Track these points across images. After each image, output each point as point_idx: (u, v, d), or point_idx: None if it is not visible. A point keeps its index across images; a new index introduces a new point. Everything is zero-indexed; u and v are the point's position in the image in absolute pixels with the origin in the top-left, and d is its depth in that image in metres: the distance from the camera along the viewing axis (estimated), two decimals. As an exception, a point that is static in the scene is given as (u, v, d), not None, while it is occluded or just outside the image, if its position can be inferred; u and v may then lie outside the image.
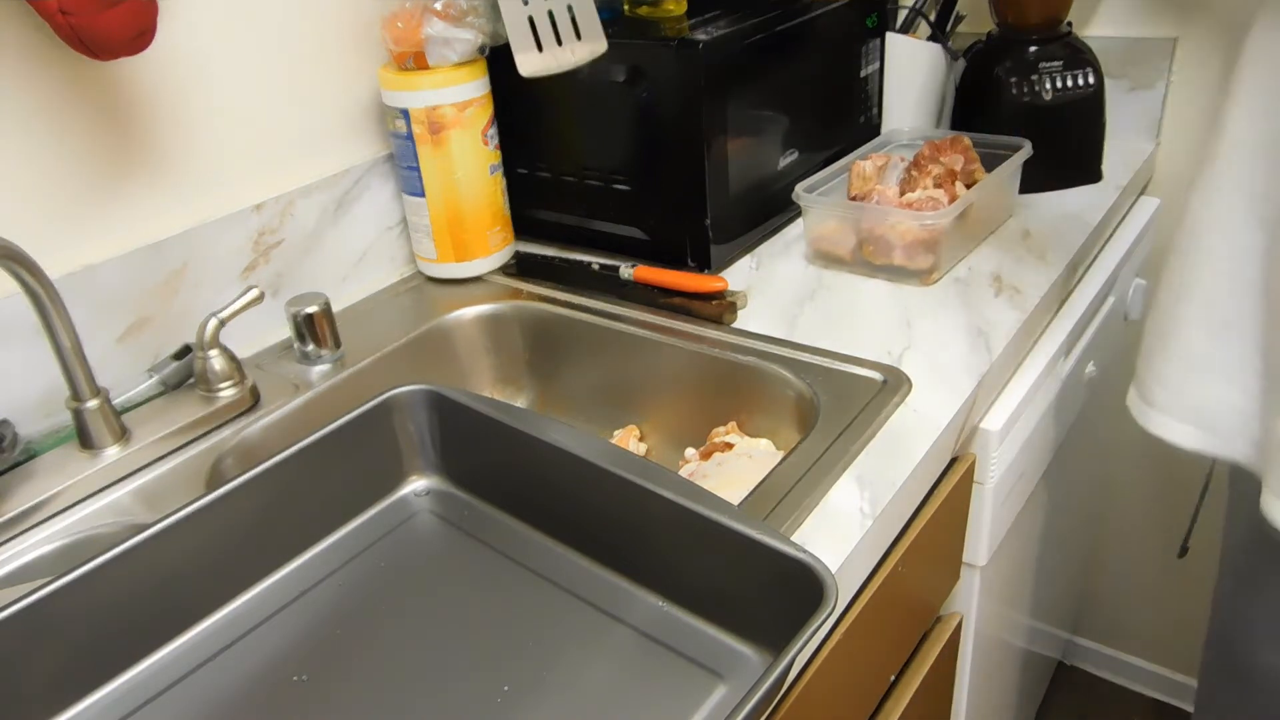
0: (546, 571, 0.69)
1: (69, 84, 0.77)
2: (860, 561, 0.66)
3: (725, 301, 0.90)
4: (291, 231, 0.94)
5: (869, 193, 0.98)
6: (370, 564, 0.72)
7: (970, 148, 1.01)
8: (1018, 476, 0.92)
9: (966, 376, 0.79)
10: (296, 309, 0.87)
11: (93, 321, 0.80)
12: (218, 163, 0.89)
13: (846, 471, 0.69)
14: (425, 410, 0.76)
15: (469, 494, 0.77)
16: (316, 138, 0.97)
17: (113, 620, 0.62)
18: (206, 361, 0.80)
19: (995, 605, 1.02)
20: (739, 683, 0.59)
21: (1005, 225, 1.04)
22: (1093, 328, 1.05)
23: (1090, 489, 1.42)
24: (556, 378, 0.99)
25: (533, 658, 0.62)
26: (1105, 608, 1.63)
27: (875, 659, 0.77)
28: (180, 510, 0.64)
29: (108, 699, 0.61)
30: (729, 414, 0.87)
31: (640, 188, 0.98)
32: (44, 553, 0.68)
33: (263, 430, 0.81)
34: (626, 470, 0.64)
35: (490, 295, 0.99)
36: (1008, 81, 1.10)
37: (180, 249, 0.86)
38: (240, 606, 0.68)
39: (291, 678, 0.63)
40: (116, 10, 0.68)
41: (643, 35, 0.94)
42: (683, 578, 0.64)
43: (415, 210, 1.00)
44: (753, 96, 0.97)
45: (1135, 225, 1.17)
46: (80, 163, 0.79)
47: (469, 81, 0.94)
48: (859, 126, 1.17)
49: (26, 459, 0.74)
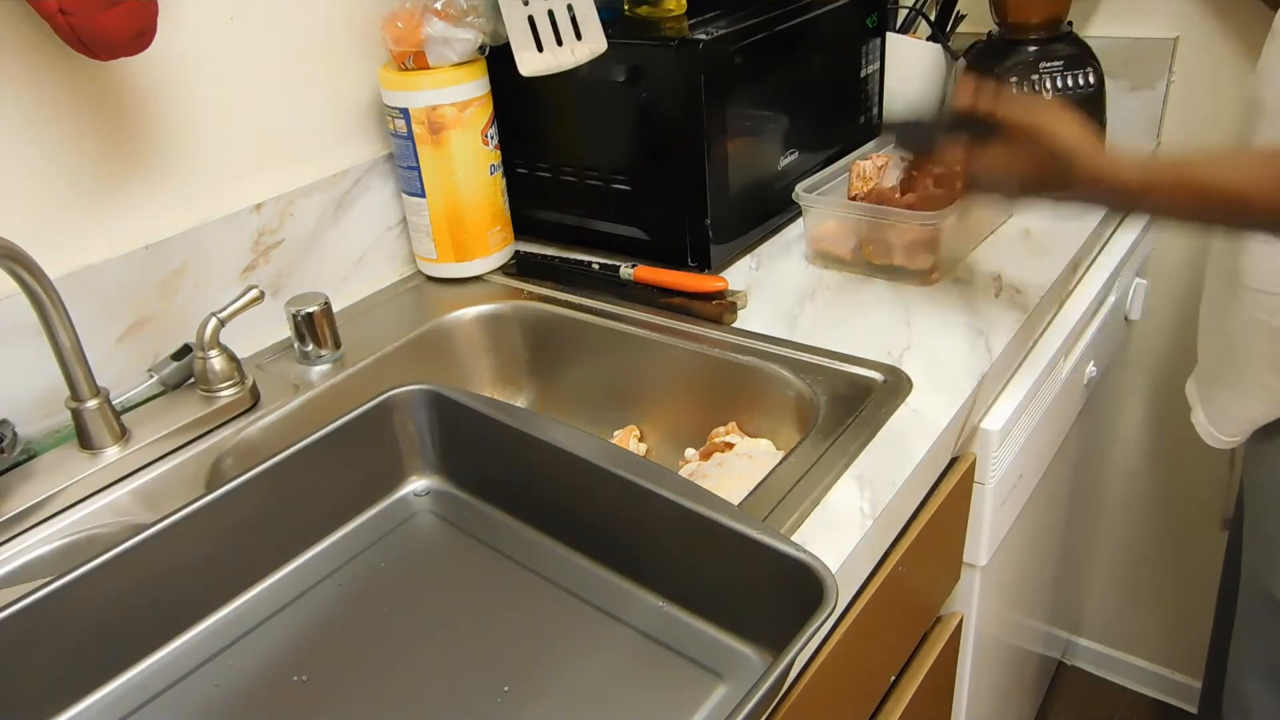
0: (546, 571, 0.69)
1: (69, 84, 0.77)
2: (860, 561, 0.66)
3: (725, 301, 0.90)
4: (291, 231, 0.94)
5: (869, 193, 0.98)
6: (370, 564, 0.72)
7: (970, 148, 1.01)
8: (1018, 476, 0.92)
9: (966, 376, 0.79)
10: (296, 309, 0.87)
11: (93, 321, 0.80)
12: (218, 163, 0.89)
13: (846, 471, 0.69)
14: (425, 410, 0.76)
15: (469, 494, 0.77)
16: (316, 138, 0.97)
17: (113, 620, 0.62)
18: (206, 361, 0.80)
19: (995, 605, 1.02)
20: (739, 683, 0.59)
21: (1005, 225, 1.04)
22: (1093, 328, 1.05)
23: (1090, 489, 1.42)
24: (556, 378, 0.99)
25: (533, 658, 0.62)
26: (1105, 608, 1.63)
27: (875, 659, 0.77)
28: (180, 510, 0.64)
29: (108, 699, 0.61)
30: (729, 414, 0.87)
31: (640, 188, 0.98)
32: (44, 553, 0.68)
33: (263, 430, 0.81)
34: (626, 470, 0.64)
35: (490, 295, 0.99)
36: (1008, 81, 1.10)
37: (180, 249, 0.85)
38: (240, 606, 0.68)
39: (291, 678, 0.63)
40: (116, 10, 0.68)
41: (643, 35, 0.94)
42: (683, 578, 0.64)
43: (415, 210, 1.00)
44: (753, 96, 0.97)
45: (1135, 225, 1.17)
46: (80, 163, 0.79)
47: (469, 81, 0.94)
48: (859, 126, 1.17)
49: (26, 459, 0.74)
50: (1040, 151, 0.73)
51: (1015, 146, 0.74)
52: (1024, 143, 0.73)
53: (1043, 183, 0.74)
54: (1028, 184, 0.75)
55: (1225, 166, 0.69)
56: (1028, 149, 0.73)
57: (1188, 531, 1.47)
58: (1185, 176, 0.69)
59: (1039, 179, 0.74)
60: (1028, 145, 0.73)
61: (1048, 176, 0.74)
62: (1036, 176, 0.74)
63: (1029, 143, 0.73)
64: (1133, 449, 1.47)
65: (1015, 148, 0.74)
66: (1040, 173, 0.74)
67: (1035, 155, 0.73)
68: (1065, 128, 0.72)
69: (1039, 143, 0.73)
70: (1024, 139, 0.73)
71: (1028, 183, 0.75)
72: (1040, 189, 0.75)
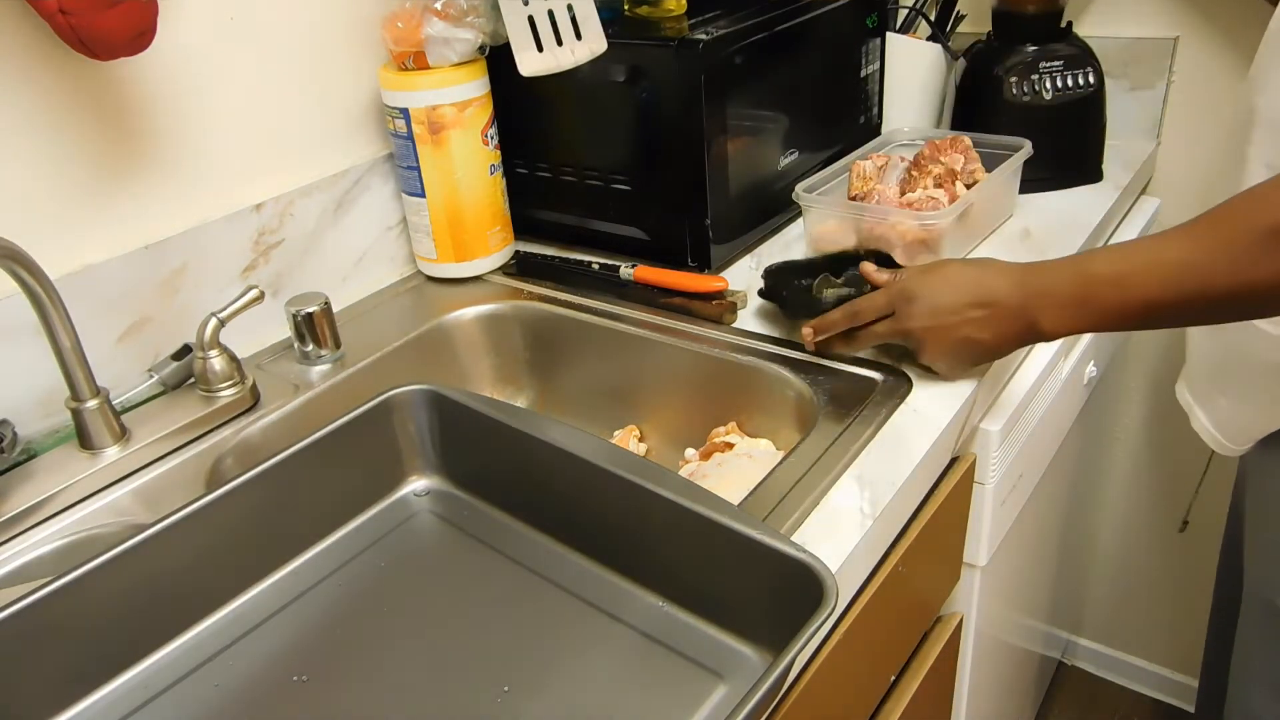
0: (547, 572, 0.69)
1: (69, 84, 0.77)
2: (860, 561, 0.66)
3: (725, 301, 0.90)
4: (291, 231, 0.94)
5: (869, 193, 0.98)
6: (370, 564, 0.72)
7: (970, 148, 1.01)
8: (1018, 476, 0.92)
9: (966, 376, 0.79)
10: (296, 309, 0.87)
11: (93, 321, 0.80)
12: (218, 163, 0.89)
13: (846, 471, 0.69)
14: (425, 410, 0.76)
15: (469, 494, 0.77)
16: (316, 138, 0.97)
17: (113, 620, 0.62)
18: (206, 361, 0.80)
19: (995, 605, 1.02)
20: (739, 683, 0.59)
21: (1005, 225, 1.04)
22: (1093, 328, 1.04)
23: (1090, 489, 1.42)
24: (556, 378, 0.99)
25: (533, 657, 0.62)
26: (1105, 608, 1.63)
27: (875, 659, 0.77)
28: (180, 510, 0.64)
29: (108, 699, 0.61)
30: (729, 414, 0.87)
31: (640, 188, 0.98)
32: (44, 553, 0.68)
33: (263, 430, 0.81)
34: (626, 470, 0.64)
35: (490, 295, 0.99)
36: (1008, 81, 1.10)
37: (180, 249, 0.85)
38: (240, 606, 0.68)
39: (291, 678, 0.63)
40: (116, 10, 0.68)
41: (643, 35, 0.94)
42: (683, 578, 0.64)
43: (415, 210, 1.00)
44: (753, 96, 0.97)
45: (1135, 225, 1.17)
46: (80, 163, 0.79)
47: (469, 81, 0.94)
48: (859, 126, 1.17)
49: (26, 459, 0.74)
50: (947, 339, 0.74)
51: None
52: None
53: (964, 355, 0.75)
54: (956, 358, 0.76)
55: (1162, 247, 0.65)
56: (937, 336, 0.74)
57: (1188, 531, 1.47)
58: (1121, 276, 0.66)
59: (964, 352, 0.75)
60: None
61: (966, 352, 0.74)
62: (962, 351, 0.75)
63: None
64: (1133, 449, 1.47)
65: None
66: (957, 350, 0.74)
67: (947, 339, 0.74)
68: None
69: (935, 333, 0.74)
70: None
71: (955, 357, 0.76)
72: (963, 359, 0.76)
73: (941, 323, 0.73)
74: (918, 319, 0.74)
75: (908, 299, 0.75)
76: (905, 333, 0.76)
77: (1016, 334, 0.72)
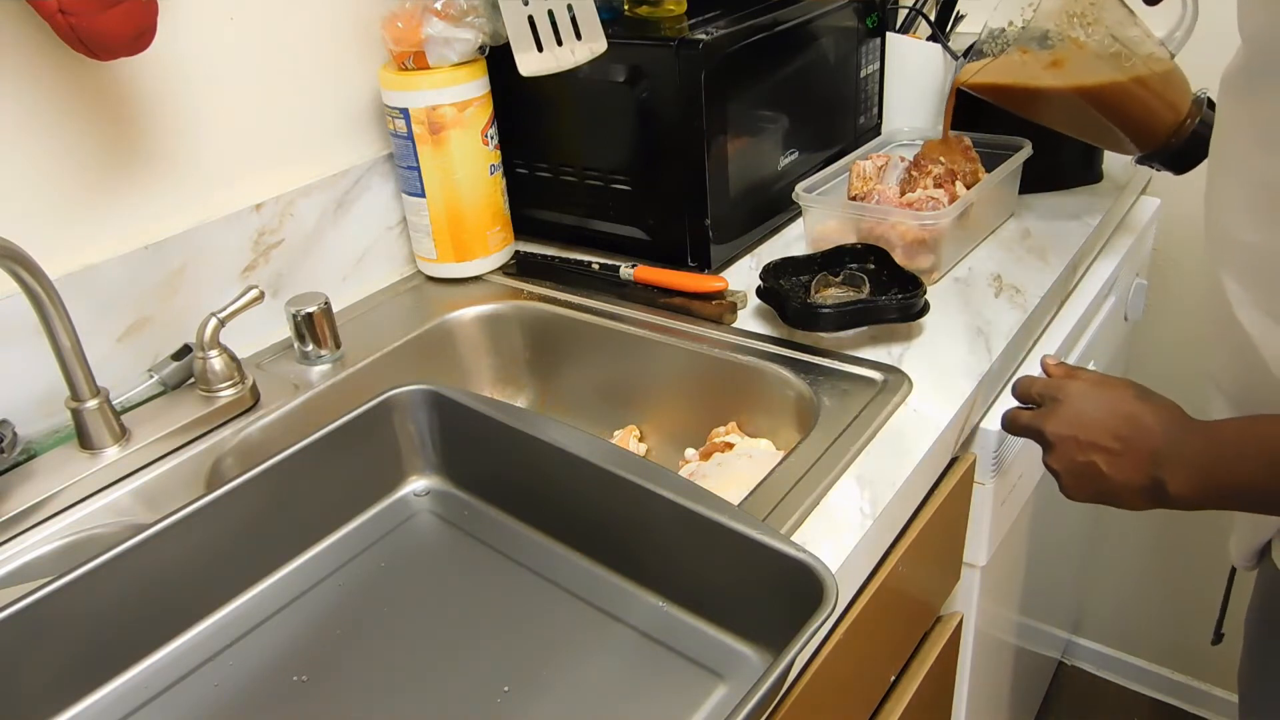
0: (547, 571, 0.69)
1: (69, 84, 0.77)
2: (860, 561, 0.66)
3: (725, 301, 0.90)
4: (291, 231, 0.94)
5: (869, 193, 0.98)
6: (370, 564, 0.72)
7: (970, 148, 1.01)
8: (1018, 476, 0.92)
9: (966, 377, 0.79)
10: (296, 309, 0.87)
11: (93, 321, 0.80)
12: (218, 163, 0.89)
13: (846, 471, 0.69)
14: (425, 410, 0.76)
15: (469, 494, 0.77)
16: (316, 138, 0.97)
17: (113, 620, 0.62)
18: (206, 361, 0.80)
19: (995, 605, 1.02)
20: (739, 683, 0.59)
21: (1005, 225, 1.04)
22: (1093, 328, 1.05)
23: (1090, 489, 1.41)
24: (556, 378, 0.99)
25: (533, 657, 0.62)
26: (1105, 608, 1.63)
27: (875, 659, 0.77)
28: (180, 510, 0.64)
29: (108, 699, 0.61)
30: (729, 414, 0.87)
31: (640, 188, 0.98)
32: (44, 553, 0.68)
33: (263, 430, 0.81)
34: (626, 470, 0.64)
35: (490, 295, 0.99)
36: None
37: (180, 249, 0.85)
38: (240, 606, 0.68)
39: (291, 678, 0.63)
40: (116, 10, 0.68)
41: (643, 35, 0.94)
42: (683, 578, 0.64)
43: (415, 210, 1.00)
44: (753, 96, 0.97)
45: (1135, 225, 1.17)
46: (80, 163, 0.79)
47: (469, 81, 0.94)
48: (859, 126, 1.17)
49: (26, 459, 0.74)
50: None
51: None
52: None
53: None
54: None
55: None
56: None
57: (1188, 532, 1.47)
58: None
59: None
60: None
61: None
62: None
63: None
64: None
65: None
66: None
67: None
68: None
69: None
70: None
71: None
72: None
73: (1076, 436, 0.68)
74: (1057, 422, 0.69)
75: (1058, 398, 0.70)
76: (1039, 432, 0.71)
77: (1141, 487, 0.66)
